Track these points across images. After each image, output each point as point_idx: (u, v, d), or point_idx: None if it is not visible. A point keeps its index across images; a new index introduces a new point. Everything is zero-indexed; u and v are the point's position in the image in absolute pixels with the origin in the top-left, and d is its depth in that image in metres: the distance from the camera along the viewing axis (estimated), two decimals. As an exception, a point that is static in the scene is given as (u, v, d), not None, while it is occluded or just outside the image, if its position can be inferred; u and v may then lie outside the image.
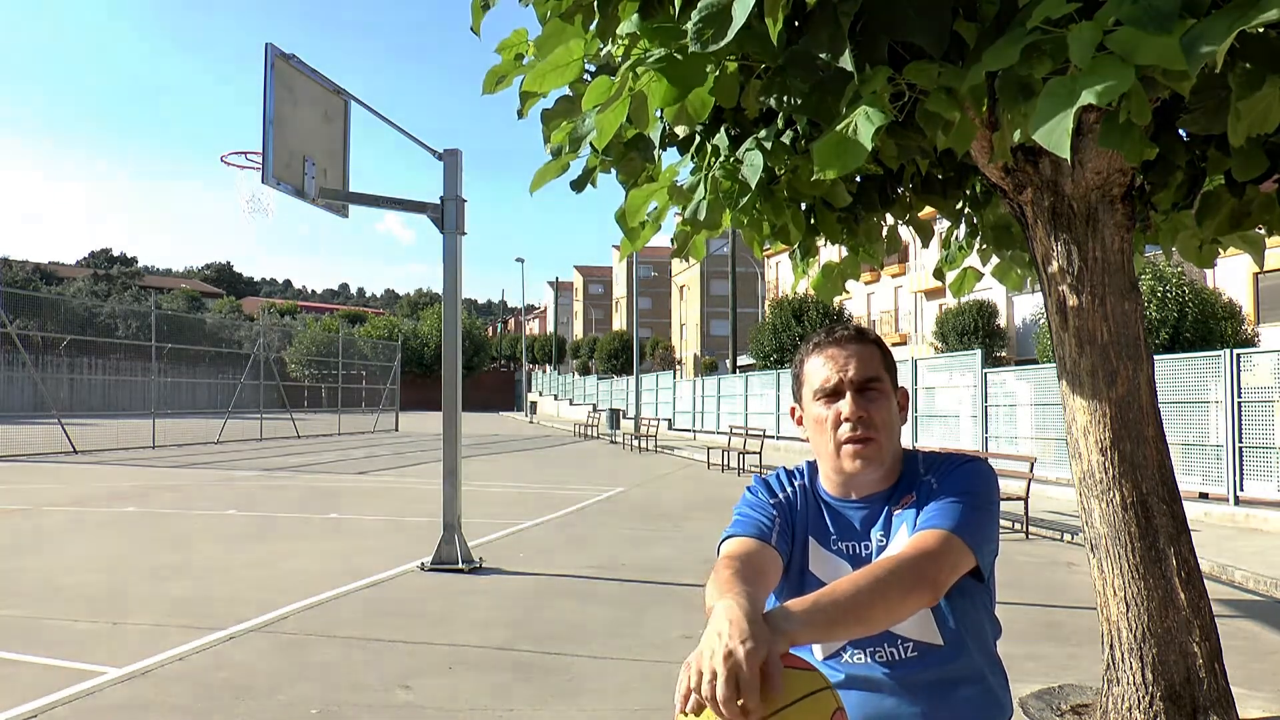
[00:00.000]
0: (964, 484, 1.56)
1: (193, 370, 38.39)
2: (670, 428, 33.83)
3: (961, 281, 5.34)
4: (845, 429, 1.58)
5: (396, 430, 35.90)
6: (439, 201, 7.78)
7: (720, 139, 3.49)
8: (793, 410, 1.73)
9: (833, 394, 1.60)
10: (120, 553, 8.10)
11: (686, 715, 1.19)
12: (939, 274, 5.48)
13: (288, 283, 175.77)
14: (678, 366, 64.45)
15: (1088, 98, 1.87)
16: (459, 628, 5.64)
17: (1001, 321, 32.97)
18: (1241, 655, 5.18)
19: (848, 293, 5.72)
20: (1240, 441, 10.50)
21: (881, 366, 1.62)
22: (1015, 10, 2.43)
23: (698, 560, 8.03)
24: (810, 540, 1.65)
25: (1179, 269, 18.26)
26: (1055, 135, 1.91)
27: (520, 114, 3.63)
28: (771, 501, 1.67)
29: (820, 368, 1.63)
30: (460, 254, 7.81)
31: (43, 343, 33.65)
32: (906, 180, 4.33)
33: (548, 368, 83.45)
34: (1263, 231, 4.00)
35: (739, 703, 1.14)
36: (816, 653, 1.59)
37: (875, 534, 1.61)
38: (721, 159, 3.41)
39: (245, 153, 8.55)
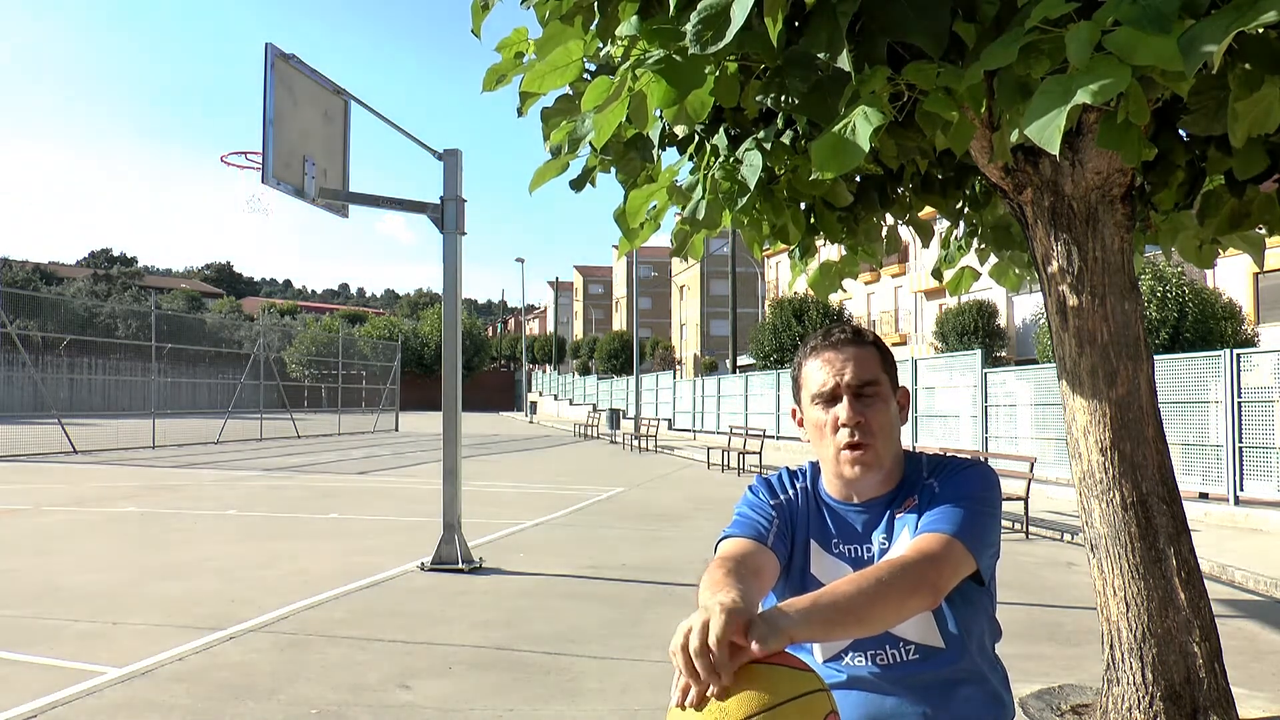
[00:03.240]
0: (966, 488, 1.56)
1: (193, 370, 38.40)
2: (670, 428, 33.83)
3: (959, 281, 5.34)
4: (843, 434, 1.57)
5: (396, 430, 35.90)
6: (439, 201, 7.78)
7: (720, 139, 3.49)
8: (793, 412, 1.73)
9: (830, 398, 1.59)
10: (120, 553, 8.10)
11: (685, 710, 1.19)
12: (937, 273, 5.48)
13: (288, 283, 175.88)
14: (678, 366, 64.46)
15: (1083, 97, 1.87)
16: (459, 628, 5.64)
17: (1001, 321, 32.97)
18: (1241, 655, 5.18)
19: (847, 293, 5.75)
20: (1240, 441, 10.50)
21: (880, 368, 1.61)
22: (1014, 10, 2.44)
23: (698, 560, 8.03)
24: (812, 543, 1.65)
25: (1179, 269, 18.25)
26: (1047, 132, 1.91)
27: (520, 112, 3.63)
28: (771, 503, 1.67)
29: (817, 371, 1.62)
30: (460, 254, 7.81)
31: (43, 343, 33.67)
32: (906, 180, 4.33)
33: (548, 368, 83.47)
34: (1263, 231, 4.00)
35: (710, 658, 1.15)
36: (817, 654, 1.60)
37: (877, 537, 1.61)
38: (721, 159, 3.41)
39: (245, 153, 8.55)
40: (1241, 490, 10.50)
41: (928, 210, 4.64)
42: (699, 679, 1.17)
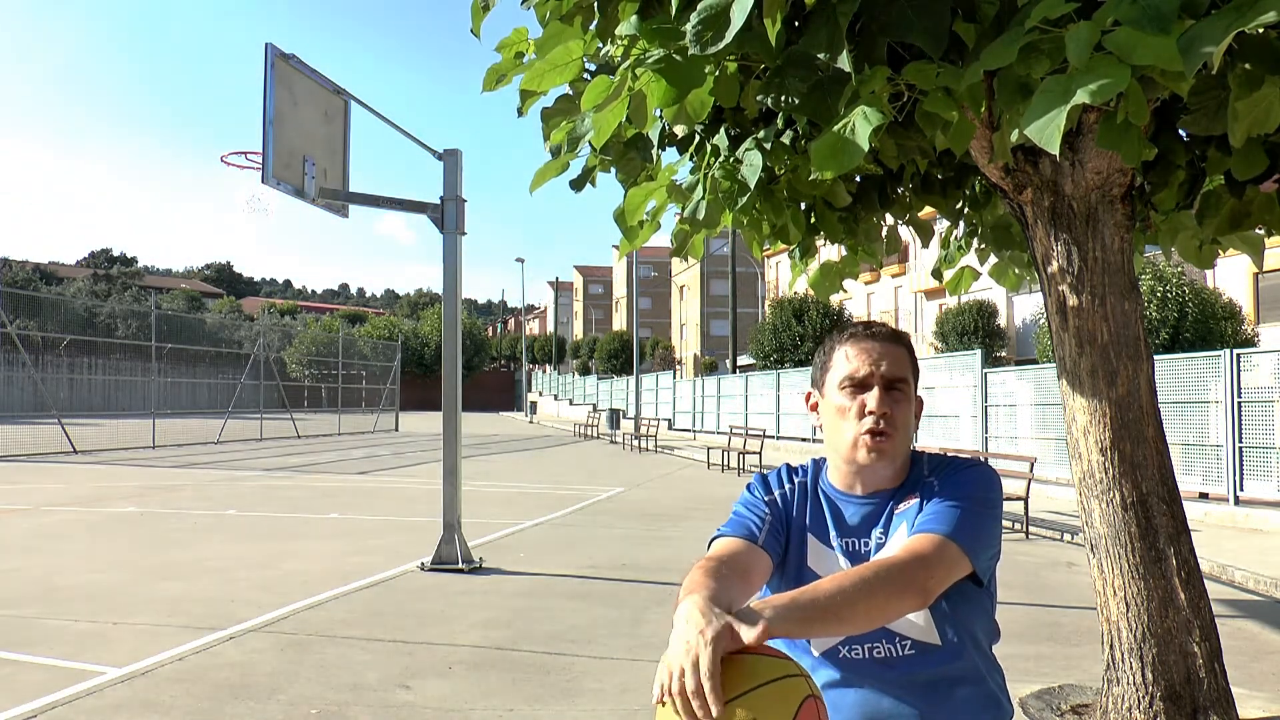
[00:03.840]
0: (965, 488, 1.56)
1: (193, 370, 38.39)
2: (670, 428, 33.83)
3: (958, 280, 5.34)
4: (868, 421, 1.58)
5: (396, 430, 35.90)
6: (439, 201, 7.78)
7: (720, 139, 3.49)
8: (808, 395, 1.73)
9: (860, 385, 1.61)
10: (120, 553, 8.10)
11: (664, 705, 1.20)
12: (937, 273, 5.48)
13: (288, 283, 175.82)
14: (678, 366, 64.45)
15: (1082, 96, 1.87)
16: (459, 628, 5.64)
17: (1001, 321, 32.96)
18: (1241, 655, 5.18)
19: (847, 293, 5.76)
20: (1240, 441, 10.50)
21: (909, 370, 1.64)
22: (1014, 10, 2.43)
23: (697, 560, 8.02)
24: (809, 536, 1.66)
25: (1179, 269, 18.24)
26: (1047, 132, 1.91)
27: (520, 112, 3.63)
28: (766, 499, 1.68)
29: (853, 357, 1.63)
30: (460, 254, 7.81)
31: (43, 343, 33.66)
32: (906, 180, 4.33)
33: (548, 368, 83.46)
34: (1262, 232, 4.00)
35: (707, 693, 1.15)
36: (812, 649, 1.60)
37: (875, 532, 1.62)
38: (721, 159, 3.41)
39: (245, 153, 8.55)
40: (1241, 490, 10.50)
41: (928, 210, 4.64)
42: (696, 717, 1.17)
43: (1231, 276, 25.11)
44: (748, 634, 1.22)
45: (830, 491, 1.67)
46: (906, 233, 5.08)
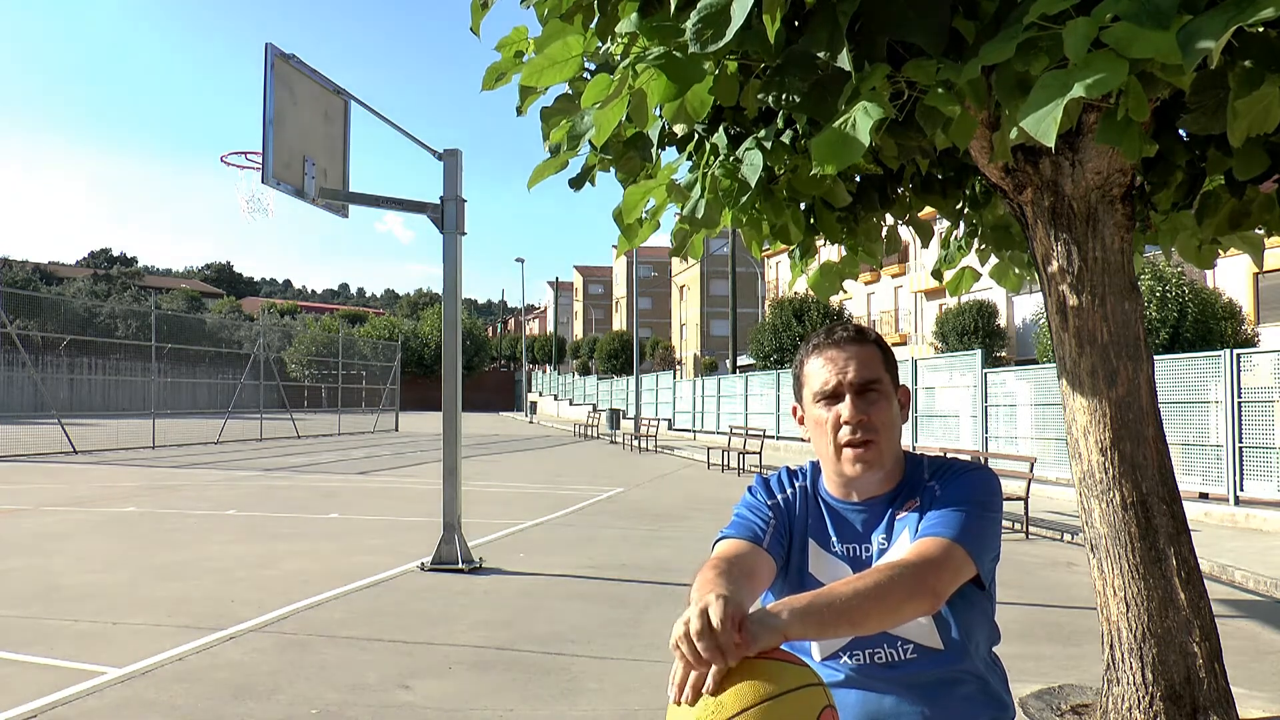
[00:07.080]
0: (968, 492, 1.56)
1: (193, 370, 38.41)
2: (670, 428, 33.82)
3: (959, 281, 5.33)
4: (845, 432, 1.58)
5: (396, 430, 35.89)
6: (439, 201, 7.78)
7: (719, 138, 3.49)
8: (794, 409, 1.73)
9: (832, 396, 1.60)
10: (120, 553, 8.10)
11: (681, 705, 1.20)
12: (937, 274, 5.47)
13: (288, 283, 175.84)
14: (678, 366, 64.44)
15: (1079, 90, 1.87)
16: (459, 628, 5.64)
17: (1001, 321, 32.95)
18: (1241, 655, 5.18)
19: (847, 293, 5.75)
20: (1240, 441, 10.50)
21: (882, 367, 1.61)
22: (1014, 7, 2.43)
23: (697, 560, 7.97)
24: (810, 542, 1.65)
25: (1179, 269, 18.25)
26: (1043, 125, 1.91)
27: (520, 111, 3.62)
28: (769, 503, 1.67)
29: (820, 370, 1.62)
30: (460, 254, 7.81)
31: (43, 343, 33.66)
32: (906, 180, 4.33)
33: (548, 368, 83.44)
34: (1262, 232, 4.00)
35: (721, 643, 1.19)
36: (815, 652, 1.59)
37: (876, 537, 1.61)
38: (721, 158, 3.41)
39: (245, 153, 8.56)
40: (1241, 490, 10.50)
41: (928, 210, 4.63)
42: (702, 662, 1.19)
43: (1231, 276, 25.11)
44: (766, 637, 1.22)
45: (827, 498, 1.67)
46: (906, 233, 5.08)
